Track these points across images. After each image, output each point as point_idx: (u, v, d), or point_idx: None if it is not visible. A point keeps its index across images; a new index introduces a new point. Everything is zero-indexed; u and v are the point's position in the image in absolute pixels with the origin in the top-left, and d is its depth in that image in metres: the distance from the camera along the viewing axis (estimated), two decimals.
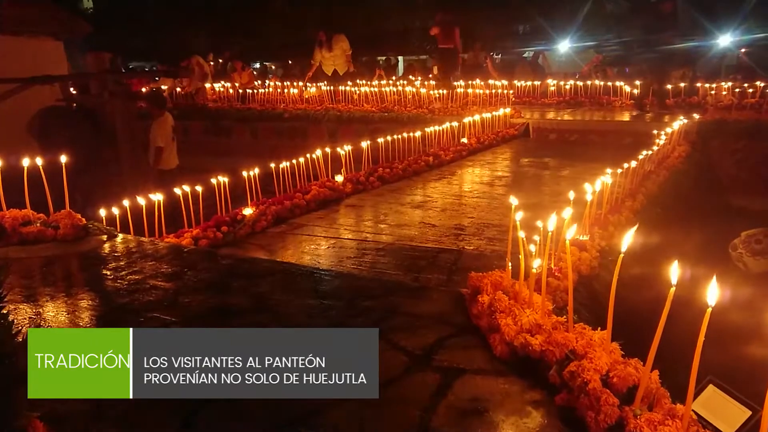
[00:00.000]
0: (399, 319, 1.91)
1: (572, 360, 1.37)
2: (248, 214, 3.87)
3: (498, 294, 1.70)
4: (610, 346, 1.38)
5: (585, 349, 1.37)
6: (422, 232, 3.85)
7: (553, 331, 1.47)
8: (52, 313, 2.02)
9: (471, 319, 1.82)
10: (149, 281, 2.30)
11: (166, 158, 6.28)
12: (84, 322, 1.96)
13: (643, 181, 4.48)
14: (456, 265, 3.24)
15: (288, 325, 1.89)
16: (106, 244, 2.80)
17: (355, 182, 4.98)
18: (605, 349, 1.37)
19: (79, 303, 2.12)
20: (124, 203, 3.32)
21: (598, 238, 3.22)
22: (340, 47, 10.83)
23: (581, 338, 1.42)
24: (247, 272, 2.43)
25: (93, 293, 2.21)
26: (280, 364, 1.41)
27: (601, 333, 1.44)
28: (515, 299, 1.72)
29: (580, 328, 1.48)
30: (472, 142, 6.87)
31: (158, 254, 2.63)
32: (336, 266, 3.22)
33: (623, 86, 9.83)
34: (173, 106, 11.12)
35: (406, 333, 1.81)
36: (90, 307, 2.06)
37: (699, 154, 6.46)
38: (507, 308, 1.64)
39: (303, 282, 2.33)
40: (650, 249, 3.66)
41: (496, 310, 1.65)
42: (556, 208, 4.35)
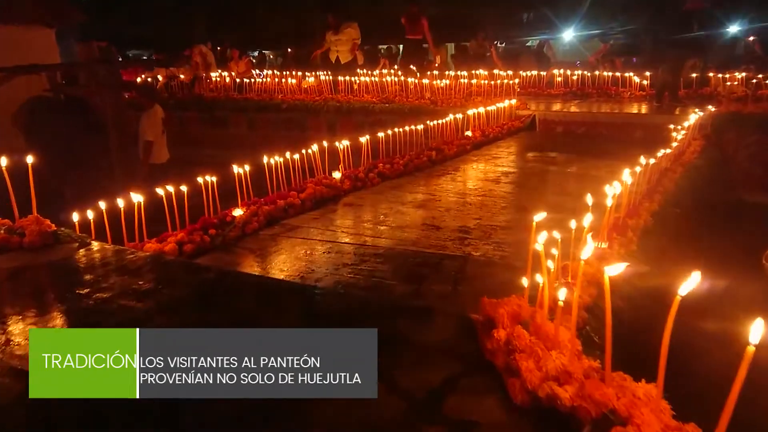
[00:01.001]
0: (399, 349, 1.65)
1: (612, 422, 1.12)
2: (238, 215, 3.60)
3: (517, 329, 1.44)
4: (660, 404, 1.13)
5: (628, 409, 1.11)
6: (425, 235, 3.59)
7: (586, 382, 1.22)
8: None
9: (484, 353, 1.56)
10: (120, 300, 2.04)
11: (157, 152, 6.01)
12: None
13: (660, 179, 4.21)
14: (462, 274, 2.98)
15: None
16: (77, 253, 2.54)
17: (353, 179, 4.71)
18: (653, 409, 1.11)
19: (36, 325, 1.86)
20: (101, 205, 3.05)
21: (618, 245, 2.95)
22: (348, 33, 10.50)
23: (622, 393, 1.16)
24: (230, 288, 2.17)
25: (54, 313, 1.96)
26: (275, 365, 1.45)
27: (647, 387, 1.18)
28: (537, 334, 1.46)
29: (619, 378, 1.22)
30: (477, 135, 6.59)
31: (133, 266, 2.37)
32: (332, 275, 2.96)
33: (632, 77, 9.51)
34: (169, 96, 10.83)
35: (407, 369, 1.56)
36: None
37: (714, 149, 6.17)
38: (528, 347, 1.38)
39: (292, 301, 2.07)
40: (669, 254, 3.41)
41: (515, 349, 1.40)
42: (567, 208, 4.10)
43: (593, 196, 2.84)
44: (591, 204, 2.71)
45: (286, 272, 3.03)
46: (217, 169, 4.52)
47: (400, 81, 9.71)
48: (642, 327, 1.73)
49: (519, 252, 3.28)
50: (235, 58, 13.12)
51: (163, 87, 11.30)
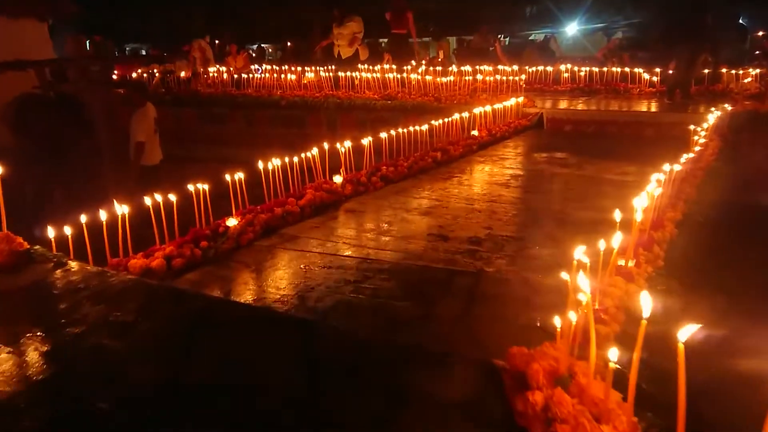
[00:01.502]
0: (411, 410, 1.40)
1: None
2: (232, 226, 3.36)
3: (557, 394, 1.20)
4: None
5: None
6: (432, 247, 3.34)
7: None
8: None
9: (514, 415, 1.31)
10: (93, 336, 1.80)
11: (148, 153, 5.74)
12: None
13: (681, 185, 3.96)
14: (474, 293, 2.74)
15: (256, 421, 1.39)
16: (52, 275, 2.30)
17: (355, 183, 4.45)
18: None
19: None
20: (81, 219, 2.80)
21: (644, 261, 2.71)
22: (350, 27, 10.22)
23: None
24: (219, 323, 1.92)
25: (14, 355, 1.71)
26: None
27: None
28: (580, 397, 1.22)
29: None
30: (483, 135, 6.33)
31: (112, 292, 2.12)
32: (333, 294, 2.72)
33: (641, 73, 9.23)
34: (165, 92, 10.56)
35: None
36: (4, 381, 1.56)
37: (731, 149, 5.91)
38: (572, 417, 1.14)
39: (290, 338, 1.82)
40: (698, 268, 3.16)
41: (556, 419, 1.16)
42: (584, 218, 3.86)
43: (620, 210, 2.61)
44: (619, 221, 2.47)
45: (283, 290, 2.79)
46: (214, 168, 4.28)
47: (402, 77, 9.43)
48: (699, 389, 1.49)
49: (534, 266, 3.04)
50: (233, 53, 12.83)
51: (159, 83, 11.02)
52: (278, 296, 2.72)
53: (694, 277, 3.01)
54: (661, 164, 3.48)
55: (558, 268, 2.87)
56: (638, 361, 1.15)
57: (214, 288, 2.87)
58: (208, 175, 3.76)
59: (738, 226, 3.94)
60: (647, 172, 4.54)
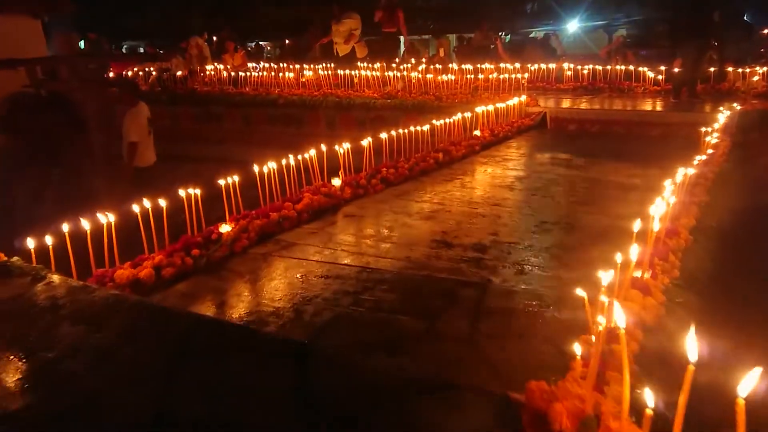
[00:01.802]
0: None
1: None
2: (226, 232, 3.20)
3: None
4: None
5: None
6: (435, 254, 3.19)
7: None
8: None
9: None
10: (69, 362, 1.65)
11: (142, 155, 5.58)
12: None
13: (694, 189, 3.81)
14: (480, 307, 2.58)
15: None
16: (30, 290, 2.14)
17: (355, 186, 4.30)
18: None
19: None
20: (63, 227, 2.65)
21: (660, 271, 2.56)
22: (347, 24, 10.06)
23: None
24: (207, 346, 1.76)
25: None
26: None
27: None
28: None
29: None
30: (486, 135, 6.17)
31: (92, 310, 1.97)
32: (331, 307, 2.57)
33: (646, 71, 9.07)
34: (161, 90, 10.39)
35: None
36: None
37: (740, 150, 5.76)
38: None
39: (284, 371, 1.66)
40: (713, 277, 3.01)
41: None
42: (593, 224, 3.70)
43: (632, 217, 2.46)
44: (636, 231, 2.32)
45: (278, 302, 2.63)
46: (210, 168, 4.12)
47: (403, 75, 9.26)
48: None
49: (543, 277, 2.89)
50: (230, 51, 12.65)
51: (156, 81, 10.85)
52: (273, 309, 2.57)
53: (712, 287, 2.88)
54: (669, 166, 3.34)
55: (568, 280, 2.74)
56: (684, 409, 1.00)
57: (205, 300, 2.72)
58: (202, 175, 3.62)
59: (753, 230, 3.79)
60: (655, 174, 4.40)
